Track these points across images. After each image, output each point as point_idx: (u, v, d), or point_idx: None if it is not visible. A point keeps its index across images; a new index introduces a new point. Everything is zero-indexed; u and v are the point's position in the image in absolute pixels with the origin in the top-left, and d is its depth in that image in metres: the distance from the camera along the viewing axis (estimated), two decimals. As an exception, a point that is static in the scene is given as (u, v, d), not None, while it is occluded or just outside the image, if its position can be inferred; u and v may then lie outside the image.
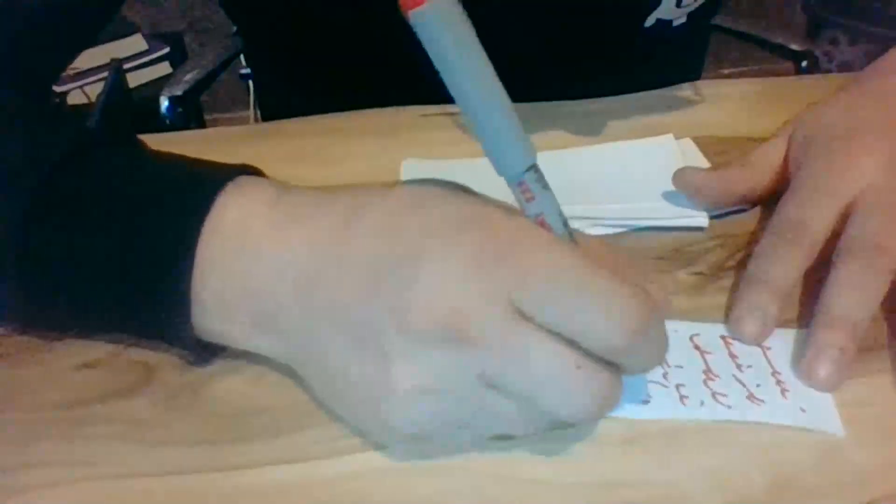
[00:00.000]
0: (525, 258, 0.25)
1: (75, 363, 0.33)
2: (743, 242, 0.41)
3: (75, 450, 0.29)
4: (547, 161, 0.28)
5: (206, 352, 0.32)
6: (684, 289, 0.37)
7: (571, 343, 0.25)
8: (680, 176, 0.42)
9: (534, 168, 0.26)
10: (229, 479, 0.28)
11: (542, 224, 0.27)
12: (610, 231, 0.41)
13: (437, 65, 0.24)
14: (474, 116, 0.25)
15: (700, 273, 0.38)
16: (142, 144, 0.34)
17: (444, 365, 0.25)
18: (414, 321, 0.25)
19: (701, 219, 0.41)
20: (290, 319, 0.29)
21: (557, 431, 0.29)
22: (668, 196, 0.43)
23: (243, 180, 0.31)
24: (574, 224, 0.28)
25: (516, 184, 0.26)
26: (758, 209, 0.43)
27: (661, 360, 0.27)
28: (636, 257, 0.39)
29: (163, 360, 0.33)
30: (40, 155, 0.31)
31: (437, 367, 0.25)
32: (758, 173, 0.42)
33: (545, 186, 0.26)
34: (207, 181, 0.30)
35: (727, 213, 0.42)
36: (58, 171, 0.30)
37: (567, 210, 0.28)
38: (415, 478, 0.28)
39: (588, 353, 0.25)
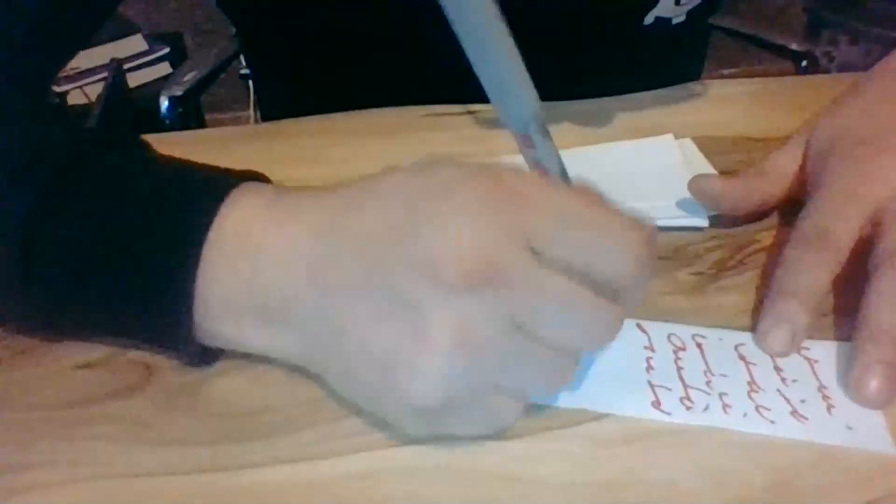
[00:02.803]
0: (533, 202, 0.27)
1: (75, 363, 0.33)
2: (743, 242, 0.41)
3: (75, 450, 0.29)
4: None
5: (206, 357, 0.32)
6: (684, 289, 0.37)
7: (584, 278, 0.26)
8: (695, 183, 0.41)
9: (537, 118, 0.27)
10: (229, 479, 0.28)
11: (541, 170, 0.28)
12: (610, 231, 0.41)
13: (452, 13, 0.24)
14: (485, 66, 0.26)
15: (700, 273, 0.38)
16: (147, 147, 0.34)
17: (478, 311, 0.26)
18: (445, 272, 0.25)
19: (701, 219, 0.41)
20: (304, 308, 0.29)
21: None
22: (667, 196, 0.43)
23: (246, 187, 0.31)
24: None
25: (519, 134, 0.27)
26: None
27: (647, 289, 0.29)
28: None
29: (163, 360, 0.33)
30: (45, 155, 0.31)
31: (472, 314, 0.26)
32: (774, 181, 0.41)
33: (546, 135, 0.28)
34: (211, 190, 0.31)
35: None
36: (63, 172, 0.31)
37: None
38: (415, 478, 0.28)
39: (598, 287, 0.26)
